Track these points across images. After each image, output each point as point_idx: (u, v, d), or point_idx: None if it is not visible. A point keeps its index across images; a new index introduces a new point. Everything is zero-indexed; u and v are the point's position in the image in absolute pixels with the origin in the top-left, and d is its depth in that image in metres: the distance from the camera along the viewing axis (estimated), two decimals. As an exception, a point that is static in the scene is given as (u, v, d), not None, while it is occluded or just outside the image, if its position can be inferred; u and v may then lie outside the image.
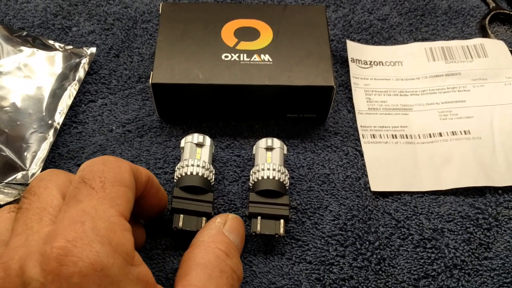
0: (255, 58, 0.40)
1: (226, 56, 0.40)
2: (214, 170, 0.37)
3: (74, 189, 0.24)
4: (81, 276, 0.20)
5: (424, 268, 0.35)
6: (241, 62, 0.39)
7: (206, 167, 0.35)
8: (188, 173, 0.35)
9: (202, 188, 0.35)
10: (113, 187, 0.24)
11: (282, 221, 0.34)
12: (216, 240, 0.29)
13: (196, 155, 0.36)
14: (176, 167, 0.36)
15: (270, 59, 0.40)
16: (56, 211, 0.24)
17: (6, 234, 0.24)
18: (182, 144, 0.38)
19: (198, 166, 0.35)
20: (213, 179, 0.36)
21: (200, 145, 0.37)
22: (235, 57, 0.40)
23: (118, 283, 0.21)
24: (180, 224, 0.33)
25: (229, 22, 0.42)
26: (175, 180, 0.36)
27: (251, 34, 0.41)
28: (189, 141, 0.37)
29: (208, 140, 0.38)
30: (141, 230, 0.33)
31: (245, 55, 0.40)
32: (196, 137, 0.37)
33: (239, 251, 0.30)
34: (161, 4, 0.43)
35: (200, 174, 0.35)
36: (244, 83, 0.38)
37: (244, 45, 0.41)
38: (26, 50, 0.43)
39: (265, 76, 0.39)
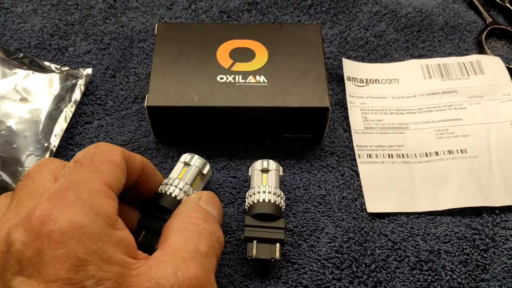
0: (250, 79, 0.40)
1: (222, 78, 0.40)
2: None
3: (66, 169, 0.26)
4: (60, 233, 0.21)
5: (421, 291, 0.35)
6: (237, 84, 0.39)
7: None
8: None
9: None
10: (101, 163, 0.26)
11: (278, 245, 0.34)
12: (192, 210, 0.30)
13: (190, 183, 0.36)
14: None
15: (266, 80, 0.40)
16: (47, 191, 0.25)
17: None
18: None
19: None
20: None
21: (200, 174, 0.37)
22: (230, 78, 0.40)
23: (98, 240, 0.22)
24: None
25: (224, 43, 0.42)
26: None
27: (246, 54, 0.41)
28: (192, 165, 0.37)
29: (196, 160, 0.37)
30: (135, 212, 0.34)
31: (240, 76, 0.40)
32: (192, 158, 0.37)
33: (217, 221, 0.31)
34: (156, 25, 0.43)
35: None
36: (240, 105, 0.38)
37: (239, 66, 0.41)
38: (23, 72, 0.43)
39: (261, 97, 0.39)
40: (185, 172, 0.36)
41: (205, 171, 0.37)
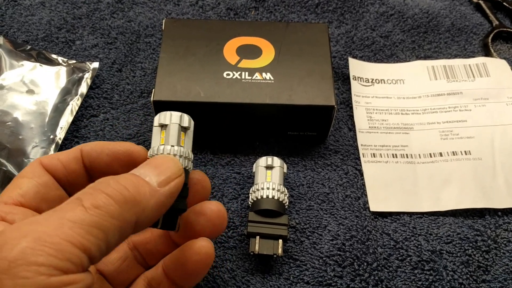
0: (256, 76, 0.40)
1: (228, 74, 0.40)
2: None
3: None
4: None
5: (422, 291, 0.35)
6: (243, 81, 0.40)
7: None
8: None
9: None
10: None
11: (280, 241, 0.35)
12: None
13: None
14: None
15: (272, 78, 0.40)
16: None
17: None
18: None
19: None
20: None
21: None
22: (236, 75, 0.40)
23: None
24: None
25: (231, 40, 0.42)
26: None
27: (253, 52, 0.42)
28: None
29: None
30: None
31: (246, 73, 0.40)
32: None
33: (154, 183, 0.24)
34: (164, 20, 0.43)
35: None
36: (245, 102, 0.38)
37: (246, 63, 0.41)
38: (30, 65, 0.43)
39: (266, 95, 0.39)
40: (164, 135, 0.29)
41: (185, 124, 0.29)
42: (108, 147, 0.29)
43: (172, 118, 0.29)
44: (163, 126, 0.29)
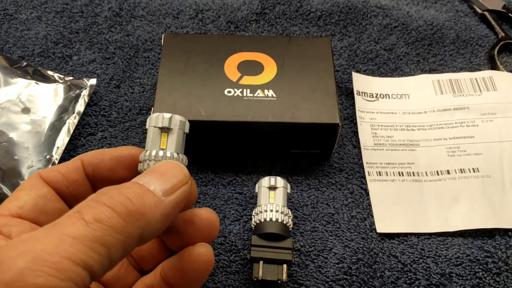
0: (258, 93, 0.39)
1: (229, 91, 0.39)
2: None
3: None
4: None
5: (432, 317, 0.34)
6: (244, 98, 0.38)
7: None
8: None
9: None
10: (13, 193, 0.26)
11: (285, 266, 0.33)
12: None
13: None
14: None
15: (274, 95, 0.39)
16: None
17: None
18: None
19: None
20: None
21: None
22: (238, 92, 0.39)
23: None
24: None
25: (232, 55, 0.41)
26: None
27: (254, 68, 0.40)
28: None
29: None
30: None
31: (248, 90, 0.39)
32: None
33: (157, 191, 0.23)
34: (163, 35, 0.42)
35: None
36: (247, 120, 0.37)
37: (247, 80, 0.40)
38: (25, 82, 0.42)
39: (269, 112, 0.38)
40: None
41: (162, 124, 0.28)
42: (110, 152, 0.28)
43: (150, 121, 0.28)
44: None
